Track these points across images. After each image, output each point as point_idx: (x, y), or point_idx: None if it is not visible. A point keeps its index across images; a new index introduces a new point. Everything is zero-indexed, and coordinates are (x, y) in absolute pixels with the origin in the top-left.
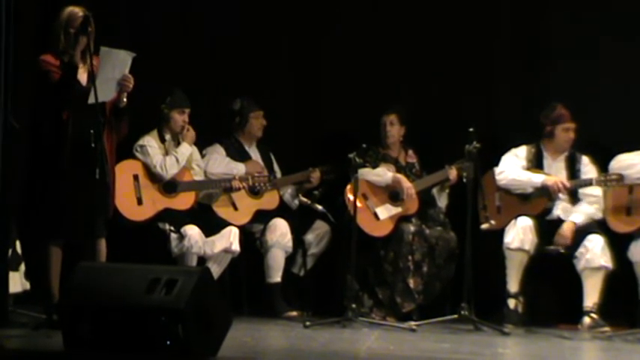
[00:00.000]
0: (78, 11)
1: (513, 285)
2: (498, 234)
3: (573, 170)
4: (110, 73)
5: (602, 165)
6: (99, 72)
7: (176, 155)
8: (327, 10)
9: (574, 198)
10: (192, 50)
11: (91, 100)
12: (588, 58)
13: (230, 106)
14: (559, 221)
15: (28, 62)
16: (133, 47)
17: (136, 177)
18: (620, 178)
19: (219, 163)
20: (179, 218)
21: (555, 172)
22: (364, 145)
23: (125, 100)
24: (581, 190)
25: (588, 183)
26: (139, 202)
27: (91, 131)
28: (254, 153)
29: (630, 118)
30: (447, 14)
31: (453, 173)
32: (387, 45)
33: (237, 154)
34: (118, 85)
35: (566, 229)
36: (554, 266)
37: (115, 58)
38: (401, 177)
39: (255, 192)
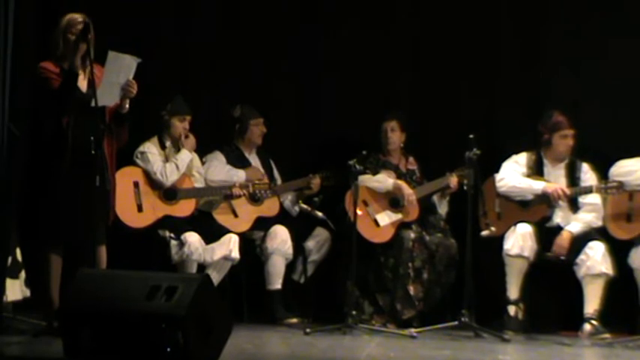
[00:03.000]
0: (78, 18)
1: (513, 291)
2: (498, 240)
3: (573, 177)
4: (115, 78)
5: (603, 172)
6: (104, 76)
7: (176, 162)
8: (328, 15)
9: (574, 205)
10: (193, 57)
11: (93, 103)
12: (589, 64)
13: (230, 113)
14: (558, 228)
15: (28, 69)
16: (134, 54)
17: (136, 184)
18: (620, 185)
19: (219, 170)
20: (179, 225)
21: (555, 180)
22: (364, 152)
23: (127, 106)
24: (581, 198)
25: (588, 191)
26: (139, 209)
27: (92, 138)
28: (254, 160)
29: (631, 124)
30: (447, 21)
31: (453, 180)
32: (387, 51)
33: (238, 161)
34: (122, 90)
35: (564, 239)
36: (554, 273)
37: (121, 63)
38: (402, 183)
39: (255, 199)
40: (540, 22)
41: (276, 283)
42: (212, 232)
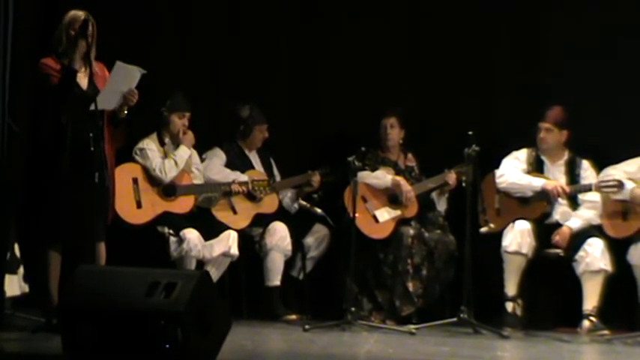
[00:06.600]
0: (80, 15)
1: (511, 288)
2: (497, 237)
3: (573, 175)
4: (118, 86)
5: (602, 169)
6: (108, 83)
7: (175, 158)
8: (327, 13)
9: (573, 202)
10: (193, 54)
11: (92, 107)
12: (589, 61)
13: (238, 111)
14: (557, 225)
15: (28, 65)
16: (134, 51)
17: (135, 180)
18: (620, 184)
19: (217, 171)
20: (178, 222)
21: (555, 176)
22: (363, 149)
23: (126, 112)
24: (581, 196)
25: (588, 189)
26: (139, 205)
27: (90, 135)
28: (254, 157)
29: (631, 122)
30: (446, 18)
31: (452, 177)
32: (387, 48)
33: (238, 158)
34: (123, 98)
35: (564, 233)
36: (553, 269)
37: (126, 74)
38: (400, 180)
39: (254, 197)
40: (540, 18)
41: (275, 280)
42: (211, 229)
